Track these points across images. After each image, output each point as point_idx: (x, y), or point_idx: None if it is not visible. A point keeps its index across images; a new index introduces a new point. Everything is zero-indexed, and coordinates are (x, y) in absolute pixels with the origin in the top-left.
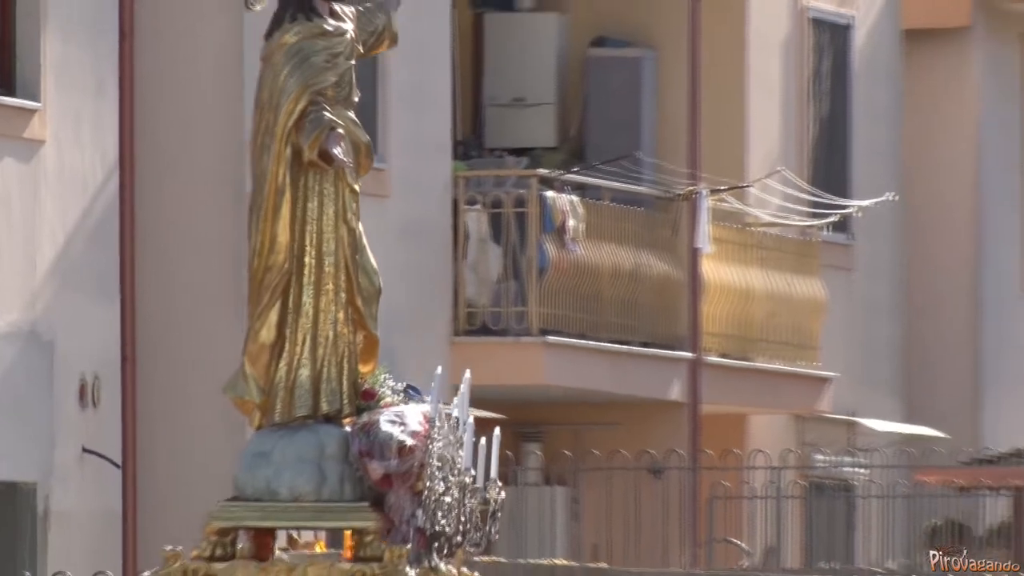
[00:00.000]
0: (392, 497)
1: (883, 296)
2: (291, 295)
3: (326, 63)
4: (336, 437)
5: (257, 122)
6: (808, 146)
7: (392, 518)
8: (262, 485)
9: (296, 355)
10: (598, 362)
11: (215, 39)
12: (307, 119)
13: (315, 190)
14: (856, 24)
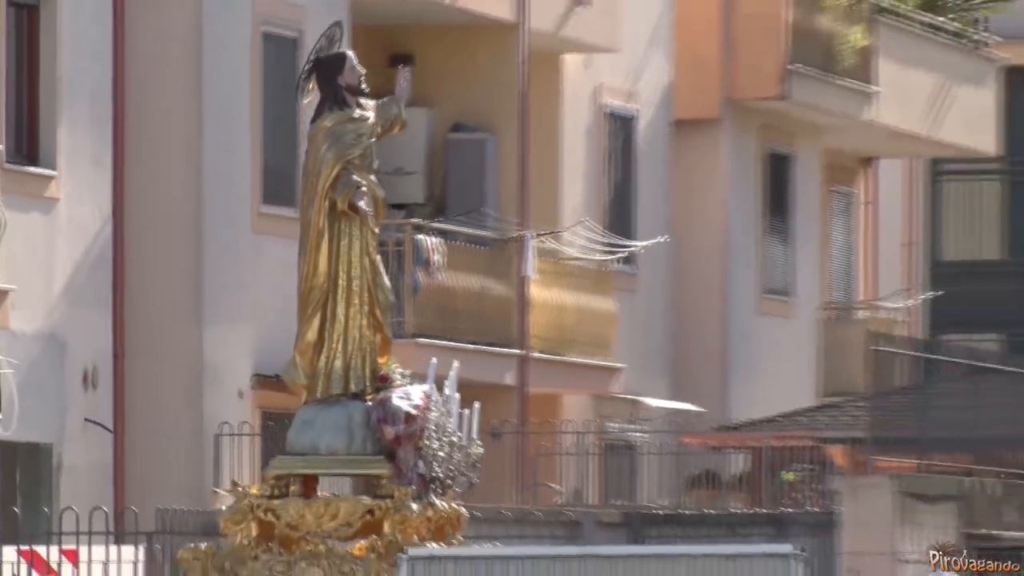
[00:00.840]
0: (401, 452)
1: (657, 310)
2: (328, 307)
3: (353, 141)
4: (361, 409)
5: (304, 183)
6: (605, 203)
7: (400, 467)
8: (307, 444)
9: (332, 350)
10: (455, 356)
11: (180, 126)
12: (340, 180)
13: (346, 232)
14: (639, 116)
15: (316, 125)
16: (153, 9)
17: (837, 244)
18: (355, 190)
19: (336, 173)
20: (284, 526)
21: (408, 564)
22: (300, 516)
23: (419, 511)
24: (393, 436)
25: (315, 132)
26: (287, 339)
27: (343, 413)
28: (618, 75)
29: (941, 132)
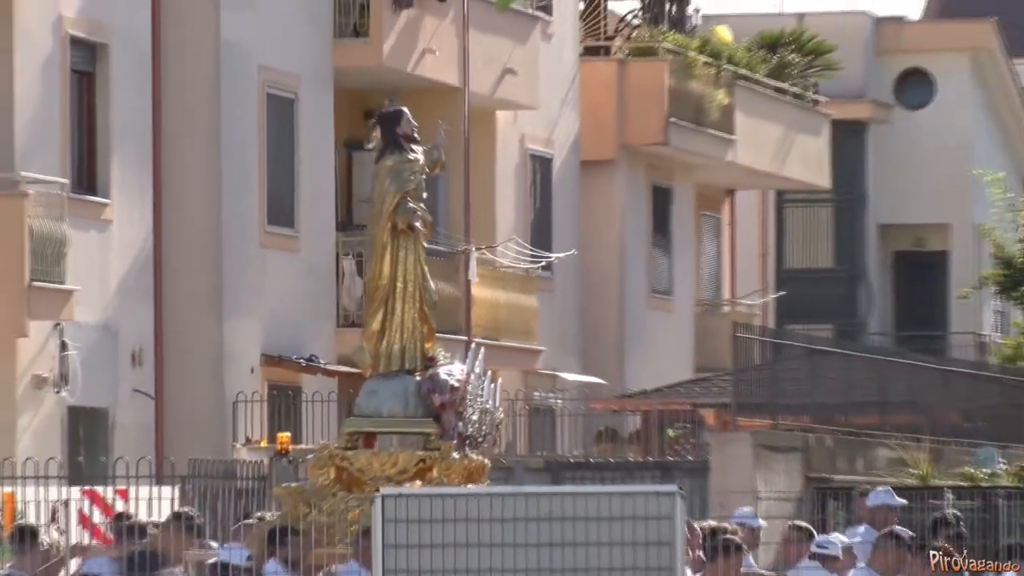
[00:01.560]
0: (445, 416)
1: (570, 306)
2: (389, 304)
3: (409, 177)
4: (413, 382)
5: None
6: (529, 224)
7: (444, 427)
8: (373, 408)
9: (391, 337)
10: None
11: (204, 165)
12: (400, 207)
13: (403, 246)
14: (555, 158)
15: (380, 164)
16: (183, 75)
17: (707, 255)
18: (412, 214)
19: (397, 201)
20: (355, 471)
21: (381, 501)
22: (368, 464)
23: (458, 460)
24: (439, 403)
25: (379, 170)
26: (288, 328)
27: (400, 385)
28: (538, 127)
29: (785, 170)
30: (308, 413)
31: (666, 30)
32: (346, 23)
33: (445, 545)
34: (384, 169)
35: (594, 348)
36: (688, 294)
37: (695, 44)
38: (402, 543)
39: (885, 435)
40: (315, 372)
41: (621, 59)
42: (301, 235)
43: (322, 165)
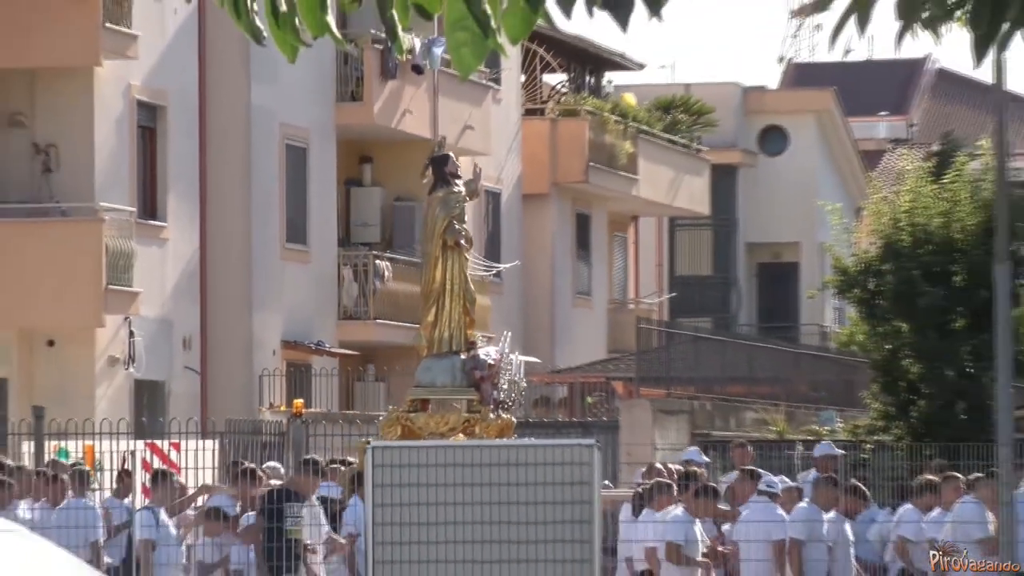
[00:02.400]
0: (484, 386)
1: (514, 304)
2: (440, 301)
3: (455, 204)
4: (459, 361)
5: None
6: (483, 242)
7: (483, 395)
8: (428, 380)
9: (441, 327)
10: (397, 333)
11: (238, 197)
12: (448, 228)
13: (451, 257)
14: (503, 192)
15: (432, 196)
16: (222, 129)
17: (617, 266)
18: (458, 234)
19: (446, 224)
20: (416, 428)
21: (371, 450)
22: (427, 423)
23: (494, 420)
24: (480, 377)
25: (431, 200)
26: (301, 320)
27: (449, 363)
28: (490, 168)
29: (676, 201)
30: (316, 385)
31: (586, 96)
32: (345, 90)
33: (420, 484)
34: (435, 199)
35: (533, 335)
36: (603, 295)
37: (608, 107)
38: (388, 483)
39: (751, 401)
40: (322, 354)
41: (553, 118)
42: (311, 250)
43: (327, 198)
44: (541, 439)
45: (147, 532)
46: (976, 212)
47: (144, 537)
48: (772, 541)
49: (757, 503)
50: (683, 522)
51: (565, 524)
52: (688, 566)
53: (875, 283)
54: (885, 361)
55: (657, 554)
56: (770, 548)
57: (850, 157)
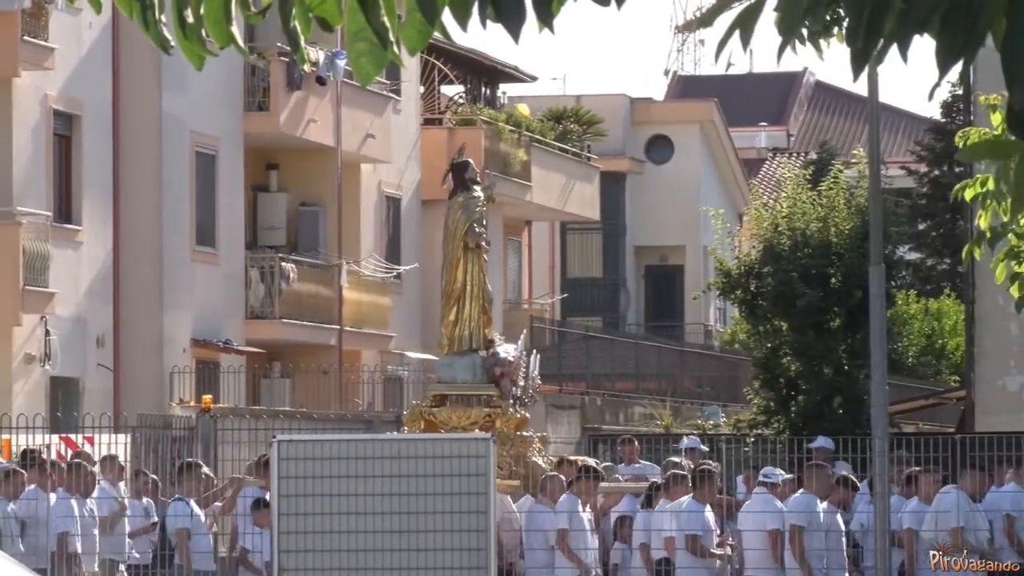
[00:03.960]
0: (503, 382)
1: (414, 303)
2: (460, 301)
3: (475, 209)
4: (479, 358)
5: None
6: (385, 245)
7: (503, 391)
8: (449, 376)
9: (462, 325)
10: (304, 332)
11: (150, 203)
12: (470, 231)
13: (471, 259)
14: (403, 197)
15: (453, 200)
16: (135, 137)
17: (511, 268)
18: (479, 237)
19: (467, 227)
20: (439, 422)
21: (276, 445)
22: (449, 417)
23: (512, 414)
24: (500, 373)
25: (452, 204)
26: (210, 319)
27: (469, 360)
28: (391, 175)
29: (567, 207)
30: (225, 381)
31: (482, 107)
32: (253, 100)
33: (324, 476)
34: (456, 204)
35: (431, 333)
36: (498, 296)
37: (503, 117)
38: (293, 475)
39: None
40: (230, 351)
41: (450, 127)
42: (220, 253)
43: (235, 202)
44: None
45: (182, 522)
46: (851, 217)
47: (180, 527)
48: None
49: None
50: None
51: (463, 514)
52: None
53: (756, 285)
54: (766, 359)
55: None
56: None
57: (732, 165)
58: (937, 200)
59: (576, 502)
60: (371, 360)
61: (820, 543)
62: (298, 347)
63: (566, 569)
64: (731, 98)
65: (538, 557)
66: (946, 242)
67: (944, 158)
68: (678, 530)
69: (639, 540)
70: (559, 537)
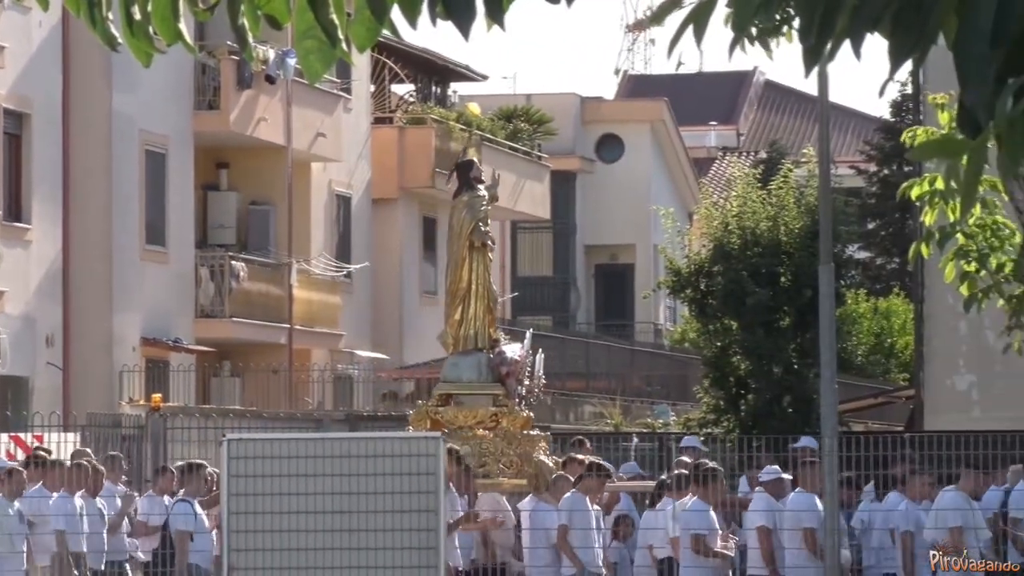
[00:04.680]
0: (508, 382)
1: (363, 302)
2: (465, 300)
3: (480, 208)
4: (485, 357)
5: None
6: (335, 244)
7: (509, 390)
8: (454, 376)
9: (467, 325)
10: (253, 330)
11: (100, 201)
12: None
13: (476, 258)
14: (353, 196)
15: (458, 200)
16: (85, 136)
17: None
18: (484, 236)
19: (473, 226)
20: (445, 421)
21: (226, 443)
22: (455, 416)
23: (518, 413)
24: (505, 372)
25: (457, 203)
26: (160, 318)
27: (475, 359)
28: (341, 174)
29: (518, 206)
30: (174, 380)
31: (432, 106)
32: (203, 99)
33: (274, 475)
34: (461, 203)
35: (381, 332)
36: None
37: (453, 116)
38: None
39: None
40: (179, 350)
41: (401, 126)
42: (170, 251)
43: (185, 202)
44: (389, 432)
45: (185, 522)
46: (801, 216)
47: (181, 528)
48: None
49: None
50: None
51: (412, 513)
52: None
53: (706, 283)
54: (716, 357)
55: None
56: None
57: (682, 164)
58: (886, 199)
59: (582, 500)
60: (321, 359)
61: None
62: (248, 346)
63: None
64: (681, 97)
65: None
66: (895, 241)
67: (893, 157)
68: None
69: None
70: (560, 535)
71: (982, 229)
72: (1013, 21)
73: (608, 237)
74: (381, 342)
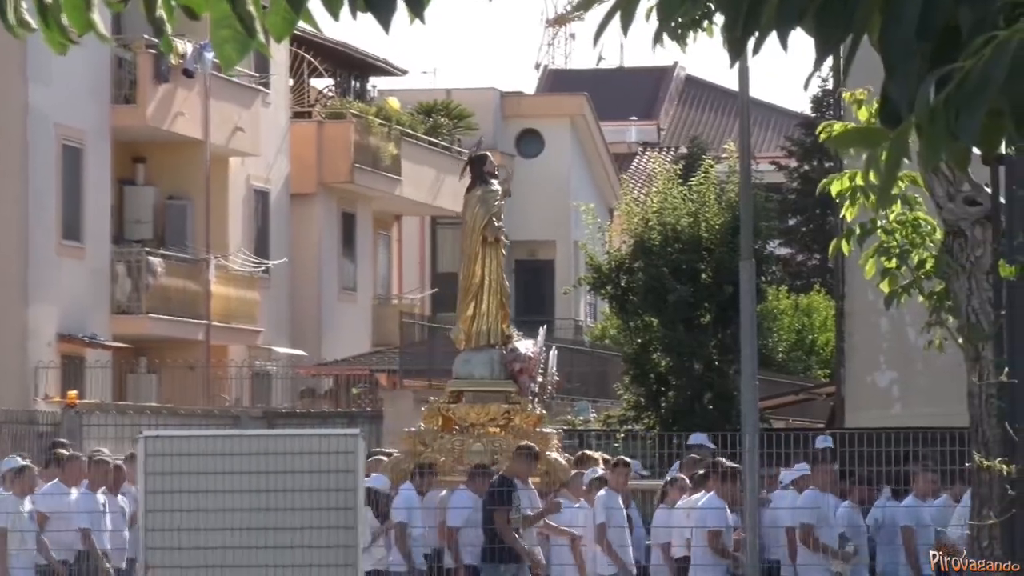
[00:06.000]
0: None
1: (282, 298)
2: (478, 296)
3: (494, 202)
4: (498, 353)
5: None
6: (253, 239)
7: (522, 387)
8: (467, 372)
9: (480, 321)
10: (170, 326)
11: (16, 196)
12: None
13: (489, 254)
14: (271, 191)
15: (471, 194)
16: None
17: (381, 263)
18: (498, 231)
19: (487, 221)
20: (457, 419)
21: (143, 440)
22: (467, 413)
23: (531, 410)
24: (519, 369)
25: (470, 197)
26: (76, 314)
27: (487, 356)
28: (260, 169)
29: (437, 201)
30: (90, 377)
31: (352, 100)
32: (120, 93)
33: (191, 473)
34: (474, 197)
35: (299, 329)
36: (368, 291)
37: (373, 111)
38: (160, 471)
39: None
40: (96, 347)
41: (319, 121)
42: (86, 247)
43: (101, 197)
44: (307, 429)
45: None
46: (722, 212)
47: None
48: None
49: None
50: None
51: (331, 511)
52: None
53: (627, 280)
54: (636, 354)
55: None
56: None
57: (603, 159)
58: (807, 195)
59: (616, 498)
60: (239, 355)
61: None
62: (165, 342)
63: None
64: (602, 92)
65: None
66: (816, 237)
67: (814, 153)
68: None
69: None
70: (599, 533)
71: (902, 225)
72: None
73: (528, 233)
74: (299, 339)
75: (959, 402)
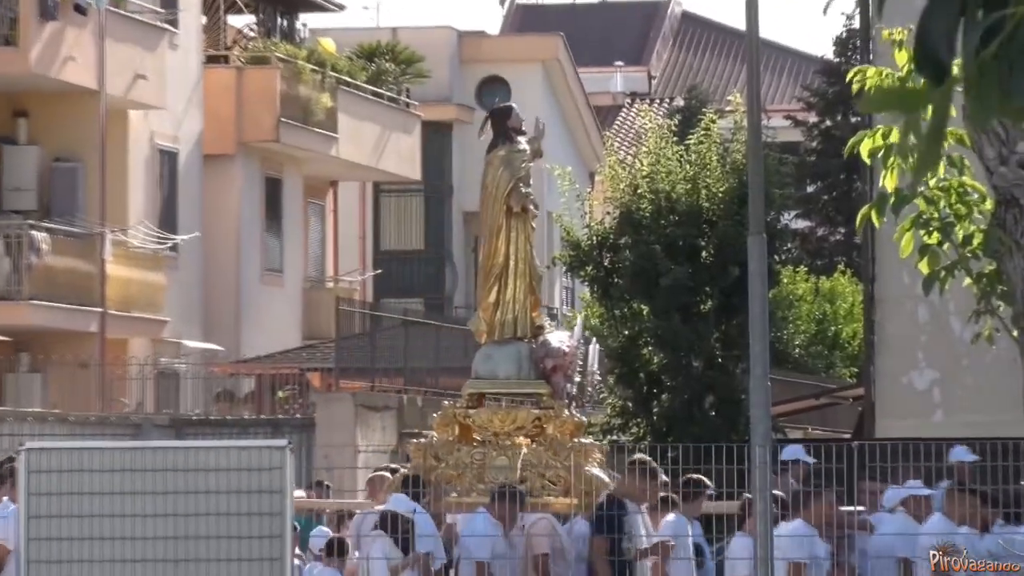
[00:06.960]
0: (555, 378)
1: (193, 281)
2: (502, 279)
3: (520, 165)
4: (526, 347)
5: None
6: (158, 210)
7: (556, 389)
8: (489, 371)
9: (504, 309)
10: (56, 314)
11: None
12: (514, 191)
13: (515, 227)
14: (180, 152)
15: (492, 154)
16: None
17: (313, 238)
18: (526, 198)
19: (511, 186)
20: (476, 427)
21: (24, 454)
22: (489, 420)
23: (568, 417)
24: (552, 366)
25: (491, 159)
26: None
27: (514, 350)
28: (166, 125)
29: (381, 163)
30: None
31: (278, 41)
32: None
33: (83, 492)
34: (497, 158)
35: (214, 319)
36: (297, 272)
37: (303, 54)
38: (45, 491)
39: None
40: None
41: (239, 66)
42: None
43: None
44: (224, 440)
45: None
46: (726, 178)
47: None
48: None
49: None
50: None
51: (253, 540)
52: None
53: (611, 259)
54: (623, 349)
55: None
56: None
57: (581, 114)
58: (829, 157)
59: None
60: (141, 351)
61: None
62: (51, 335)
63: None
64: (581, 33)
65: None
66: (840, 208)
67: (837, 105)
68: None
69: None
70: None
71: (946, 193)
72: None
73: None
74: (214, 330)
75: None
